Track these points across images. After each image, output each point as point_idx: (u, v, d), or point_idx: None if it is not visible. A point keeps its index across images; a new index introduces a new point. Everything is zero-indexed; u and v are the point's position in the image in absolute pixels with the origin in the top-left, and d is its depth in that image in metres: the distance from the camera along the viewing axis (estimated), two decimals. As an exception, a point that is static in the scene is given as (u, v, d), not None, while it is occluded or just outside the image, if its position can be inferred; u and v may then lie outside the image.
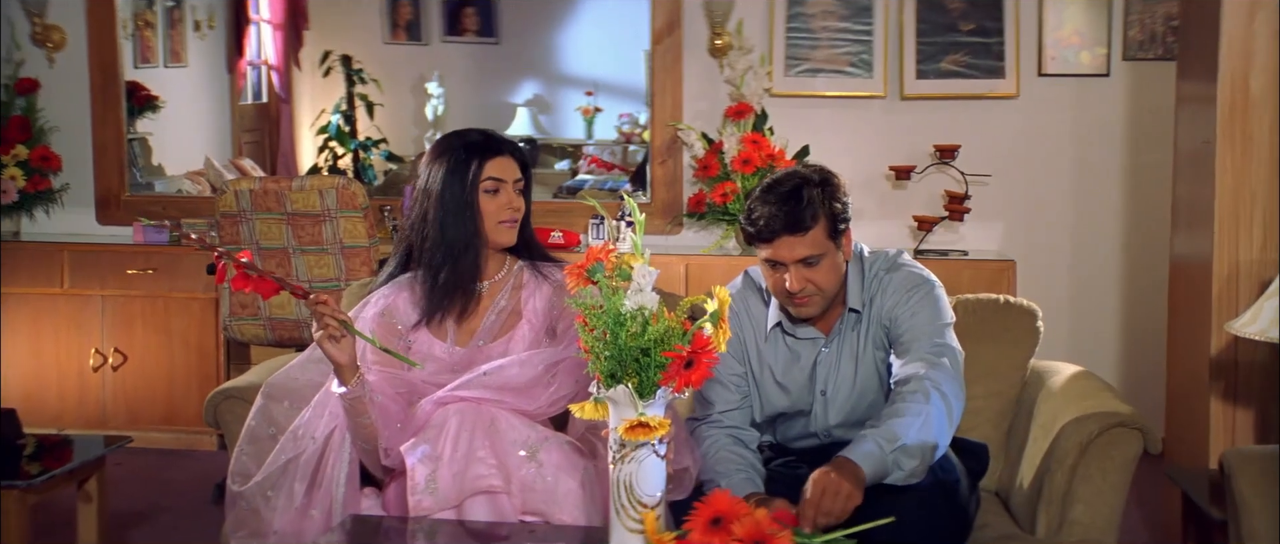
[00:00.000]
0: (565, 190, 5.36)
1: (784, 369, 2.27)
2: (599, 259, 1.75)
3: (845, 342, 2.24)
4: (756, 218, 2.12)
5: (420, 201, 2.20)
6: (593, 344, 1.72)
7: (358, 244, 3.52)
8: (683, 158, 4.33)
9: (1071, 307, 4.20)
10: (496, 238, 2.23)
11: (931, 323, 2.16)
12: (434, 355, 2.21)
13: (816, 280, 2.14)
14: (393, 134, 5.59)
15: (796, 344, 2.27)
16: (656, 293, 1.74)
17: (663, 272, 1.86)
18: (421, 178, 2.20)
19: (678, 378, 1.67)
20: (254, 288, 1.92)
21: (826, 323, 2.26)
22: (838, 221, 2.14)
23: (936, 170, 4.14)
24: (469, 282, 2.21)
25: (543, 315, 2.24)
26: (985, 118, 4.18)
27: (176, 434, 4.19)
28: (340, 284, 3.49)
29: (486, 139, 2.21)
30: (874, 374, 2.23)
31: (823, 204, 2.12)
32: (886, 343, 2.23)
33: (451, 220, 2.17)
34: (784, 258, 2.13)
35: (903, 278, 2.22)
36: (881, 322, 2.21)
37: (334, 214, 3.49)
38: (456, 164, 2.17)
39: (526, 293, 2.27)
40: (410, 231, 2.21)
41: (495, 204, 2.20)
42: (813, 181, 2.13)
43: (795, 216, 2.10)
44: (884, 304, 2.21)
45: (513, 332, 2.23)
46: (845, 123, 4.21)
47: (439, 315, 2.21)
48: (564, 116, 5.67)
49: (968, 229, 4.18)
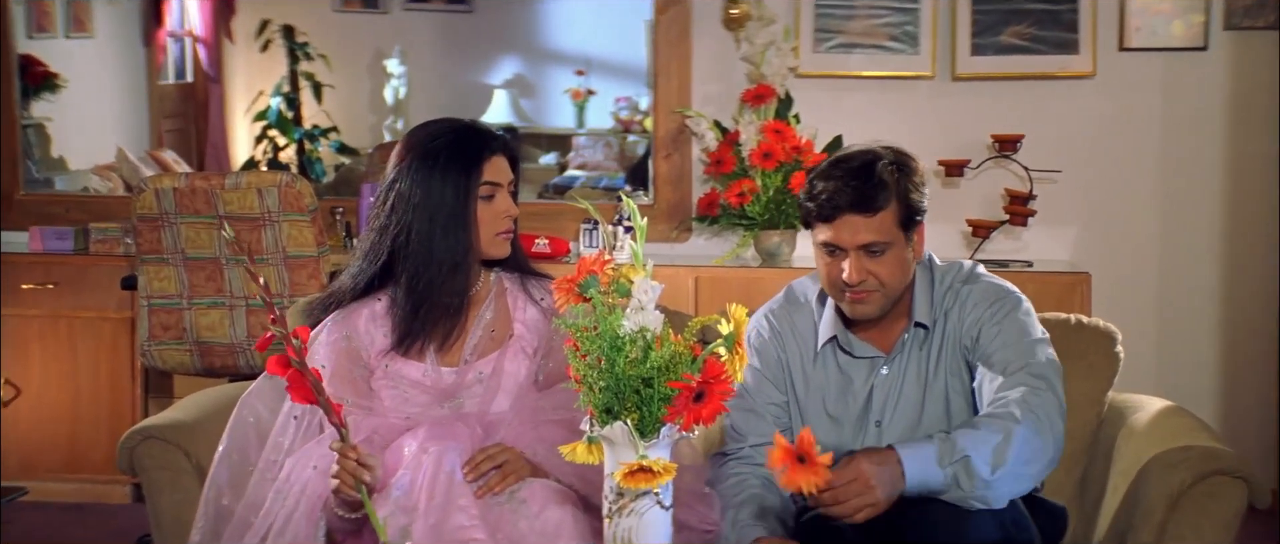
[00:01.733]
0: (551, 189, 5.38)
1: (836, 395, 2.31)
2: (592, 272, 1.77)
3: (909, 362, 2.28)
4: (818, 192, 2.18)
5: (395, 209, 2.22)
6: (585, 373, 1.74)
7: (304, 253, 3.54)
8: (691, 151, 4.35)
9: (1158, 328, 4.21)
10: (490, 251, 2.26)
11: (1023, 338, 2.21)
12: (409, 379, 2.24)
13: (879, 273, 2.19)
14: (345, 121, 5.61)
15: (851, 365, 2.30)
16: (660, 312, 1.76)
17: (668, 286, 1.88)
18: (395, 179, 2.23)
19: (686, 413, 1.69)
20: (293, 387, 1.86)
21: (887, 339, 2.29)
22: (913, 211, 2.20)
23: (995, 165, 4.15)
24: (457, 304, 2.24)
25: (535, 330, 2.26)
26: (1054, 102, 4.20)
27: (82, 484, 4.19)
28: (283, 301, 3.51)
29: (478, 134, 2.24)
30: (942, 403, 2.26)
31: (897, 186, 2.18)
32: (964, 368, 2.26)
33: (441, 235, 2.20)
34: (844, 242, 2.18)
35: (984, 289, 2.27)
36: (960, 341, 2.25)
37: (275, 217, 3.51)
38: (446, 166, 2.20)
39: (513, 301, 2.30)
40: (383, 243, 2.23)
41: (491, 213, 2.24)
42: (886, 159, 2.20)
43: (864, 194, 2.15)
44: (963, 319, 2.25)
45: (505, 346, 2.26)
46: (886, 109, 4.23)
47: (419, 343, 2.24)
48: (550, 101, 5.70)
49: (1033, 236, 4.19)
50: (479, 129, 2.26)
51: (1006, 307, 2.24)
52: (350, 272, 2.30)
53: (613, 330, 1.73)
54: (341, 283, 2.31)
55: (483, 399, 2.25)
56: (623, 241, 4.02)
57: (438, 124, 2.26)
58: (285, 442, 2.19)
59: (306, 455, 2.15)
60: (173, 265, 3.57)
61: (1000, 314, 2.23)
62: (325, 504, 2.09)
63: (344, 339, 2.25)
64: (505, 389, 2.26)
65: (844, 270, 2.18)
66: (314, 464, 2.12)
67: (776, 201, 4.02)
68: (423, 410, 2.23)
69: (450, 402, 2.25)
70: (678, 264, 4.09)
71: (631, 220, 1.81)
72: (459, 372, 2.26)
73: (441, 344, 2.25)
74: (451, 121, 2.26)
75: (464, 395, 2.26)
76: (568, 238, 4.27)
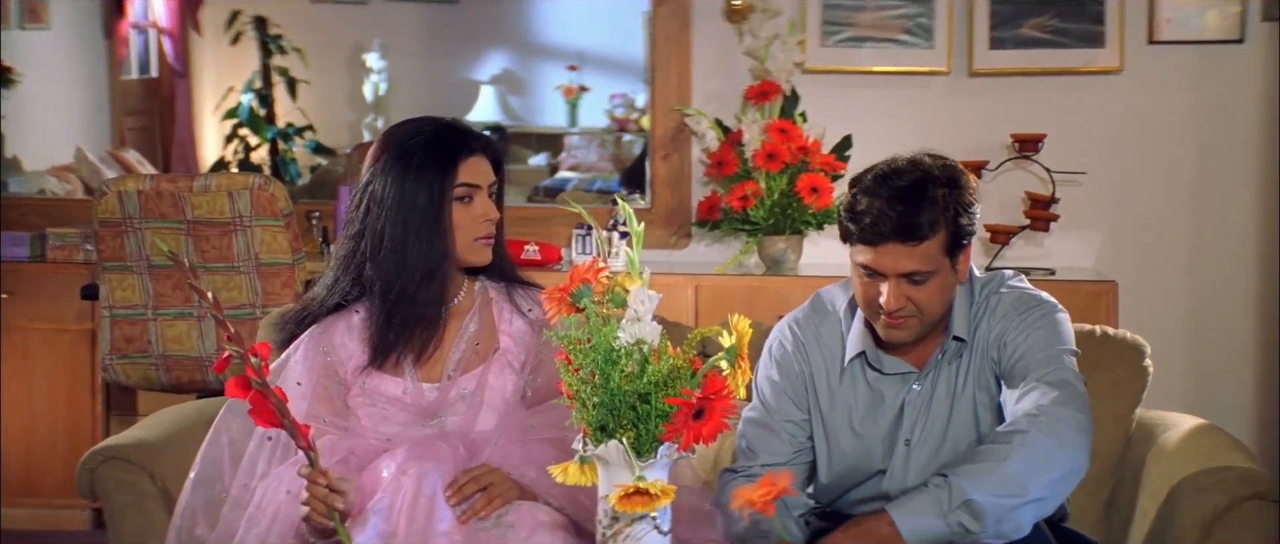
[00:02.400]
0: (542, 192, 5.39)
1: (864, 413, 2.31)
2: (586, 280, 1.78)
3: (940, 376, 2.29)
4: (861, 212, 2.16)
5: (369, 212, 2.23)
6: (578, 388, 1.75)
7: (278, 260, 3.55)
8: (691, 151, 4.36)
9: (1190, 340, 4.22)
10: (469, 257, 2.27)
11: (1047, 347, 2.21)
12: (388, 396, 2.25)
13: (919, 301, 2.19)
14: (322, 119, 5.62)
15: (881, 382, 2.31)
16: (658, 323, 1.77)
17: (666, 296, 1.89)
18: (369, 181, 2.24)
19: (685, 431, 1.70)
20: (255, 409, 1.87)
21: (921, 353, 2.30)
22: (961, 236, 2.19)
23: (1015, 167, 4.17)
24: (433, 314, 2.25)
25: (522, 344, 2.28)
26: (1079, 99, 4.21)
27: (38, 510, 4.18)
28: (255, 312, 3.53)
29: (456, 133, 2.25)
30: (970, 420, 2.27)
31: (946, 211, 2.16)
32: (993, 382, 2.27)
33: (414, 240, 2.20)
34: (886, 268, 2.17)
35: (1016, 298, 2.28)
36: (988, 352, 2.26)
37: (247, 222, 3.52)
38: (420, 167, 2.21)
39: (499, 312, 2.31)
40: (358, 250, 2.24)
41: (468, 216, 2.24)
42: (939, 180, 2.17)
43: (910, 221, 2.14)
44: (991, 328, 2.26)
45: (490, 360, 2.27)
46: (898, 107, 4.25)
47: (395, 356, 2.24)
48: (541, 98, 5.71)
49: (1055, 242, 4.21)
50: (457, 127, 2.27)
51: (1035, 315, 2.25)
52: (324, 282, 2.30)
53: (607, 343, 1.74)
54: (315, 294, 2.31)
55: (466, 417, 2.25)
56: (618, 248, 4.03)
57: (415, 122, 2.27)
58: (259, 466, 2.20)
59: (279, 479, 2.16)
60: (136, 273, 3.57)
61: (1027, 323, 2.23)
62: (298, 531, 2.10)
63: (321, 355, 2.25)
64: (490, 406, 2.26)
65: (881, 294, 2.18)
66: (287, 488, 2.12)
67: (782, 205, 4.03)
68: (402, 429, 2.23)
69: (432, 420, 2.26)
70: (676, 272, 4.09)
71: (627, 225, 1.82)
72: (441, 388, 2.27)
73: (418, 357, 2.26)
74: (429, 120, 2.27)
75: (446, 413, 2.26)
76: (559, 244, 4.27)
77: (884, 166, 2.20)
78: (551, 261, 4.19)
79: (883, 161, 2.21)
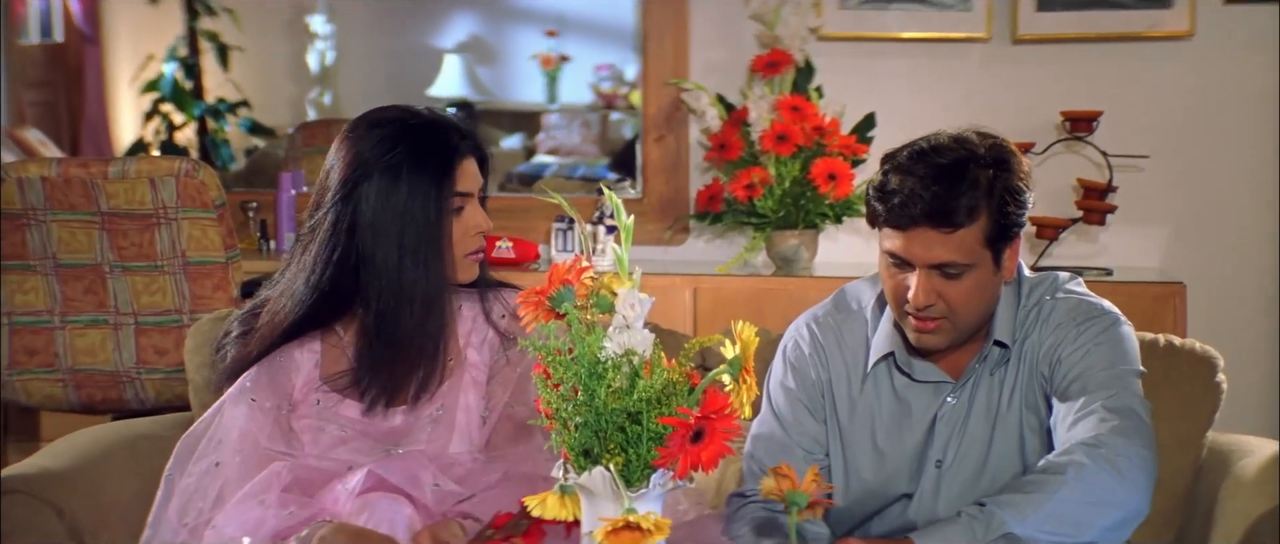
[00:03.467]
0: (516, 180, 5.39)
1: (888, 426, 2.33)
2: (567, 282, 1.79)
3: (980, 388, 2.30)
4: (891, 191, 2.18)
5: (354, 232, 2.24)
6: (558, 407, 1.76)
7: (209, 259, 3.56)
8: (689, 132, 4.37)
9: (1270, 351, 4.22)
10: (461, 276, 2.30)
11: (1108, 366, 2.22)
12: (345, 418, 2.27)
13: (952, 299, 2.20)
14: (259, 93, 5.60)
15: (910, 390, 2.33)
16: (651, 331, 1.78)
17: (660, 300, 1.91)
18: (345, 193, 2.24)
19: (682, 456, 1.71)
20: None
21: (958, 360, 2.31)
22: (1008, 227, 2.21)
23: (1066, 149, 4.18)
24: (432, 347, 2.27)
25: (488, 360, 2.30)
26: (1141, 70, 4.22)
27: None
28: (181, 319, 3.54)
29: (445, 131, 2.27)
30: (1014, 445, 2.28)
31: (989, 196, 2.18)
32: (1042, 403, 2.27)
33: (412, 265, 2.23)
34: (915, 257, 2.19)
35: (1073, 307, 2.28)
36: (1038, 367, 2.27)
37: (172, 214, 3.53)
38: (413, 176, 2.23)
39: (468, 323, 2.33)
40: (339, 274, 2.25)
41: (459, 229, 2.28)
42: (983, 160, 2.20)
43: (946, 204, 2.15)
44: (1043, 340, 2.27)
45: (459, 376, 2.29)
46: (930, 80, 4.26)
47: (384, 400, 2.27)
48: (514, 70, 5.70)
49: (1112, 237, 4.22)
50: (446, 123, 2.29)
51: (1096, 328, 2.25)
52: (285, 306, 2.30)
53: (592, 354, 1.75)
54: (279, 318, 2.30)
55: (432, 443, 2.27)
56: (604, 245, 4.03)
57: (392, 118, 2.28)
58: (211, 495, 2.20)
59: (232, 520, 2.17)
60: (41, 274, 3.58)
61: (1086, 336, 2.24)
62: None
63: (274, 408, 2.26)
64: (460, 431, 2.28)
65: (910, 288, 2.20)
66: (247, 537, 2.14)
67: (794, 195, 4.04)
68: (356, 457, 2.25)
69: (394, 447, 2.28)
70: (672, 272, 4.10)
71: (615, 218, 1.84)
72: (409, 412, 2.29)
73: (417, 395, 2.29)
74: (408, 113, 2.29)
75: (409, 440, 2.28)
76: (536, 240, 4.28)
77: (924, 142, 2.22)
78: (527, 260, 4.20)
79: (923, 137, 2.24)
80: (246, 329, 2.34)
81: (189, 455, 2.24)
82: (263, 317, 2.33)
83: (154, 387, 3.58)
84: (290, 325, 2.29)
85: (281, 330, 2.30)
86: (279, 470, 2.18)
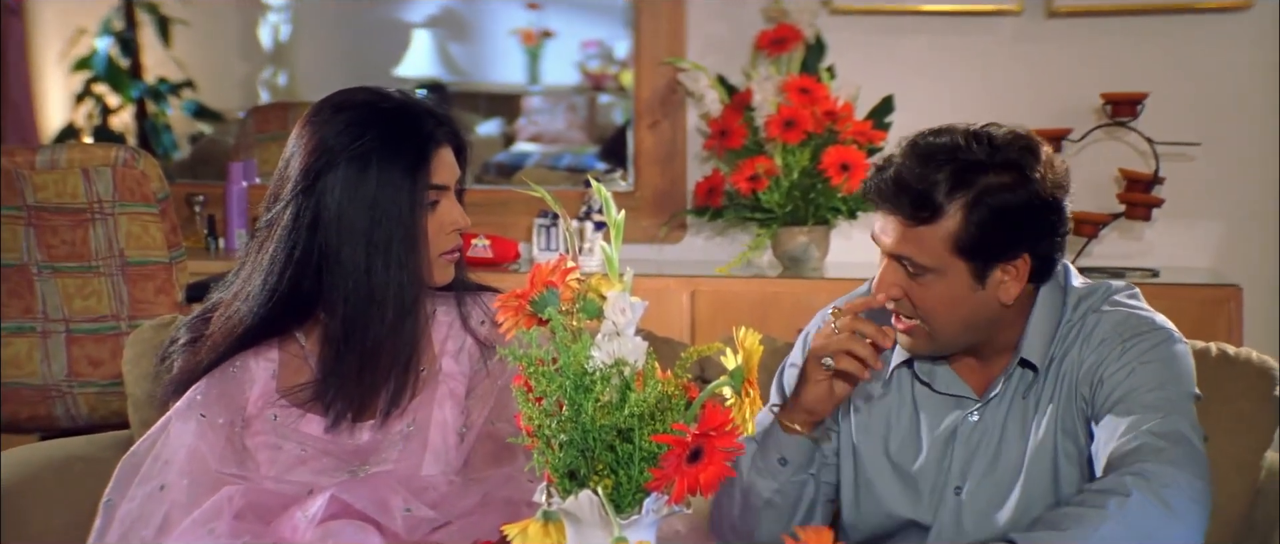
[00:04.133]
0: (494, 170, 5.39)
1: (903, 438, 2.33)
2: (551, 284, 1.79)
3: (1009, 409, 2.29)
4: (881, 166, 2.22)
5: (315, 228, 2.23)
6: (540, 423, 1.76)
7: (150, 259, 3.55)
8: (687, 118, 4.37)
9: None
10: (433, 277, 2.30)
11: (1158, 387, 2.20)
12: (307, 436, 2.27)
13: (918, 302, 2.21)
14: (205, 73, 5.60)
15: (929, 401, 2.33)
16: (644, 339, 1.78)
17: (654, 304, 1.90)
18: (306, 184, 2.24)
19: (678, 478, 1.71)
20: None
21: (983, 373, 2.31)
22: (990, 244, 2.18)
23: (1106, 136, 4.18)
24: (406, 356, 2.27)
25: (473, 366, 2.31)
26: (1192, 46, 4.22)
27: None
28: (119, 325, 3.53)
29: (419, 117, 2.27)
30: (1047, 472, 2.27)
31: (971, 192, 2.16)
32: (1082, 429, 2.26)
33: (383, 267, 2.23)
34: (881, 243, 2.22)
35: (1119, 321, 2.27)
36: (1078, 388, 2.26)
37: (109, 209, 3.52)
38: (382, 167, 2.23)
39: (442, 328, 2.33)
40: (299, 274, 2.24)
41: (435, 224, 2.28)
42: (981, 159, 2.17)
43: (910, 191, 2.16)
44: (1083, 358, 2.26)
45: (433, 388, 2.29)
46: (955, 58, 4.26)
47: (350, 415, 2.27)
48: (491, 46, 5.70)
49: (1159, 234, 4.22)
50: (419, 108, 2.29)
51: (1144, 345, 2.24)
52: (239, 311, 2.29)
53: (578, 365, 1.75)
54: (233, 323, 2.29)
55: (403, 462, 2.27)
56: (592, 243, 4.03)
57: (361, 101, 2.28)
58: (155, 521, 2.19)
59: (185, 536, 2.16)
60: (-40, 276, 3.58)
61: (1132, 353, 2.23)
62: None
63: (227, 424, 2.26)
64: (434, 449, 2.28)
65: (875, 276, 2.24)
66: None
67: (803, 188, 4.05)
68: (318, 479, 2.24)
69: (360, 466, 2.27)
70: (667, 273, 4.11)
71: (604, 213, 1.83)
72: (377, 428, 2.28)
73: (387, 410, 2.28)
74: (377, 95, 2.29)
75: (378, 458, 2.28)
76: (517, 237, 4.28)
77: (941, 126, 2.24)
78: (507, 260, 4.20)
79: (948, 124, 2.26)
80: (195, 336, 2.33)
81: (131, 478, 2.22)
82: (214, 322, 2.32)
83: (88, 402, 3.57)
84: (245, 332, 2.28)
85: (235, 337, 2.29)
86: (231, 495, 2.18)
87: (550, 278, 1.80)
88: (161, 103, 5.57)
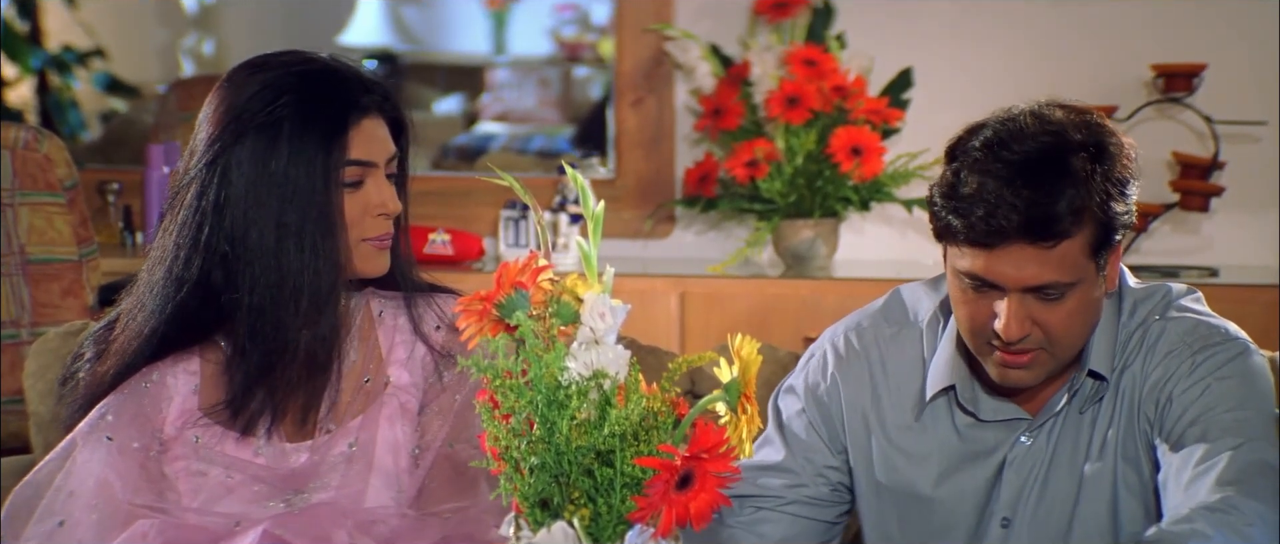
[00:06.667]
0: (454, 154, 5.40)
1: (946, 470, 2.34)
2: (520, 285, 1.80)
3: (1064, 431, 2.30)
4: (968, 197, 2.15)
5: (219, 207, 2.23)
6: (507, 444, 1.77)
7: (57, 256, 3.57)
8: (675, 94, 4.38)
9: None
10: (359, 266, 2.30)
11: (1234, 407, 2.19)
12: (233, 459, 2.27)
13: (1052, 326, 2.19)
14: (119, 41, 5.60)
15: (974, 431, 2.33)
16: (626, 347, 1.79)
17: (637, 307, 1.92)
18: (212, 157, 2.23)
19: (665, 507, 1.72)
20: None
21: (1036, 393, 2.31)
22: (1113, 226, 2.19)
23: (1157, 115, 4.21)
24: (324, 356, 2.27)
25: (423, 377, 2.32)
26: (1254, 15, 4.24)
27: None
28: (20, 334, 3.53)
29: (340, 80, 2.27)
30: (1106, 503, 2.28)
31: (1093, 194, 2.16)
32: (1145, 455, 2.26)
33: (294, 244, 2.22)
34: (1006, 279, 2.17)
35: (1186, 330, 2.27)
36: (1141, 406, 2.26)
37: (7, 198, 3.53)
38: (294, 135, 2.22)
39: (390, 333, 2.34)
40: (206, 261, 2.24)
41: (357, 207, 2.27)
42: (1080, 145, 2.17)
43: (1045, 211, 2.13)
44: (1147, 372, 2.26)
45: (380, 401, 2.30)
46: (982, 26, 4.27)
47: (267, 418, 2.27)
48: (451, 12, 5.71)
49: (1218, 226, 4.25)
50: (347, 72, 2.28)
51: (1218, 359, 2.24)
52: (145, 307, 2.28)
53: (551, 377, 1.76)
54: (138, 324, 2.28)
55: (346, 488, 2.27)
56: (567, 238, 4.04)
57: (280, 62, 2.28)
58: None
59: None
60: None
61: (1204, 368, 2.23)
62: None
63: (140, 448, 2.26)
64: (382, 471, 2.28)
65: (996, 316, 2.18)
66: None
67: (808, 175, 4.06)
68: (249, 508, 2.25)
69: (296, 494, 2.28)
70: (653, 272, 4.12)
71: (581, 204, 1.85)
72: (315, 447, 2.29)
73: (303, 417, 2.28)
74: (296, 57, 2.28)
75: (318, 483, 2.28)
76: (480, 231, 4.29)
77: (998, 126, 2.20)
78: (469, 257, 4.21)
79: (994, 118, 2.22)
80: (103, 348, 2.32)
81: (27, 513, 2.21)
82: (118, 325, 2.31)
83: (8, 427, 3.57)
84: (152, 332, 2.27)
85: (142, 339, 2.27)
86: (146, 531, 2.17)
87: (519, 278, 1.80)
88: (67, 74, 5.57)
